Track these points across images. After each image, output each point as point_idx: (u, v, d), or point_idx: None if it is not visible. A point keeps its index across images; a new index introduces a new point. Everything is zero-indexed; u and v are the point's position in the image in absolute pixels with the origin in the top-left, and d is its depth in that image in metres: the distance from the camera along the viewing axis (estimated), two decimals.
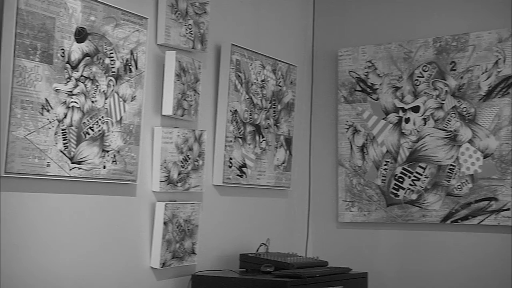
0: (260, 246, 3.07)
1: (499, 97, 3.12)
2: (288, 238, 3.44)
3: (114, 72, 2.50)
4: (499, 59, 3.13)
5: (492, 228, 3.11)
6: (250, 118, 3.16)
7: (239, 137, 3.09)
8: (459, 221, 3.17)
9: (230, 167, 3.02)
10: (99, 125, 2.45)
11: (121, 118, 2.53)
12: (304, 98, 3.60)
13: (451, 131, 3.22)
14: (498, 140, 3.11)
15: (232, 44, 3.04)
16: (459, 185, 3.19)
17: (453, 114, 3.23)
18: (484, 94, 3.16)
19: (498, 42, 3.13)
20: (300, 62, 3.55)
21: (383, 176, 3.38)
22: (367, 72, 3.45)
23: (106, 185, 2.50)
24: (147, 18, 2.62)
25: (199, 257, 2.83)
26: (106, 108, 2.47)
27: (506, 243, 3.08)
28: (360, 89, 3.47)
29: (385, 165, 3.37)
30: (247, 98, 3.13)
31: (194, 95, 2.82)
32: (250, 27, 3.26)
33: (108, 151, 2.48)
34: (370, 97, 3.44)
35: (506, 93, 3.11)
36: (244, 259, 2.90)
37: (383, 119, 3.40)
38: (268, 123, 3.27)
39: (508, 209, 3.06)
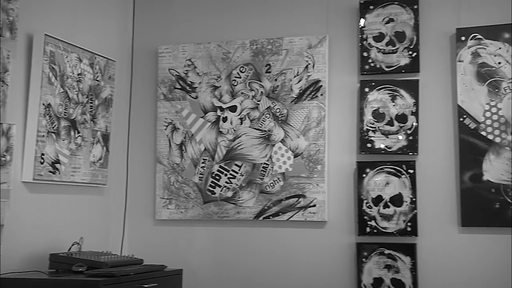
0: (73, 245, 2.98)
1: (308, 100, 3.32)
2: (104, 236, 3.37)
3: None
4: (309, 64, 3.32)
5: (300, 224, 3.29)
6: (65, 112, 3.04)
7: (53, 132, 2.96)
8: (271, 217, 3.32)
9: (42, 163, 2.89)
10: None
11: None
12: (123, 94, 3.54)
13: (265, 131, 3.36)
14: (307, 141, 3.30)
15: (46, 35, 2.90)
16: (272, 182, 3.33)
17: (267, 115, 3.36)
18: (295, 96, 3.33)
19: (308, 48, 3.32)
20: (119, 57, 3.49)
21: (200, 174, 3.43)
22: (187, 70, 3.49)
23: None
24: None
25: (4, 258, 2.67)
26: None
27: (312, 237, 3.28)
28: (179, 87, 3.49)
29: (202, 163, 3.43)
30: (62, 92, 3.01)
31: (2, 86, 2.65)
32: (66, 18, 3.13)
33: None
34: (190, 95, 3.47)
35: (315, 96, 3.31)
36: (54, 259, 2.79)
37: (201, 117, 3.45)
38: (85, 118, 3.17)
39: (314, 206, 3.26)
